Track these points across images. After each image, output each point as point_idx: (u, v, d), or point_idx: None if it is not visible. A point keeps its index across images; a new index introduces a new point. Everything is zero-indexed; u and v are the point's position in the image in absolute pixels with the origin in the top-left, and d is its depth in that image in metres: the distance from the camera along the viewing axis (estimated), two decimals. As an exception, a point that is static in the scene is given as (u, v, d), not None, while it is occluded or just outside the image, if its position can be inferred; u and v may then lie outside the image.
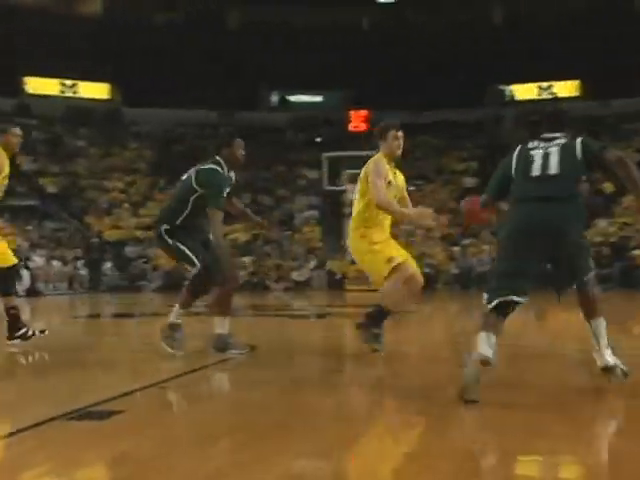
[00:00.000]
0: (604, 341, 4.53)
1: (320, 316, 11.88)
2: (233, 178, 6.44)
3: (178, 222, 6.19)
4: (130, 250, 25.46)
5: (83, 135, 32.11)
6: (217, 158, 6.29)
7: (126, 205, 28.41)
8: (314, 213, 28.84)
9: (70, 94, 32.88)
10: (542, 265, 4.58)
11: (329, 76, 33.40)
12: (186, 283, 6.28)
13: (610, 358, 4.50)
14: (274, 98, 35.94)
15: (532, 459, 3.10)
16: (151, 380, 4.76)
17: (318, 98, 35.70)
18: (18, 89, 31.17)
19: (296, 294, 20.62)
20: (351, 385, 5.15)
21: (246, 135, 7.26)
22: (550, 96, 34.02)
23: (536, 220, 4.47)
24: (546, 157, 4.60)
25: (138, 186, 30.03)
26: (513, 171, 4.71)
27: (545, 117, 5.00)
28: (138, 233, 26.51)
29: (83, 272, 23.69)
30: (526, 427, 3.54)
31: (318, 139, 32.15)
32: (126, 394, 4.33)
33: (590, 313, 4.60)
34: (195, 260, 6.07)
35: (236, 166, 6.42)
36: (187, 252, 6.11)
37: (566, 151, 4.61)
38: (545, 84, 34.00)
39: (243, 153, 6.39)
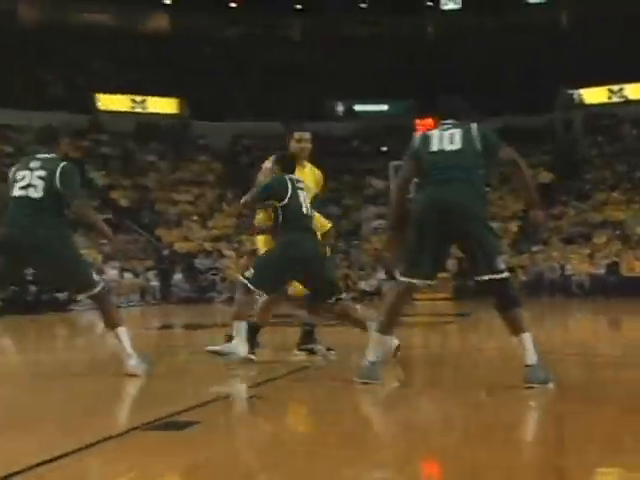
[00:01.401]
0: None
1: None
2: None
3: None
4: (199, 262, 25.78)
5: (153, 150, 32.67)
6: None
7: (195, 217, 28.82)
8: (382, 222, 28.74)
9: (140, 110, 33.50)
10: None
11: (394, 85, 33.30)
12: None
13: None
14: (340, 108, 36.02)
15: (615, 473, 3.02)
16: (225, 391, 4.78)
17: (384, 107, 35.63)
18: (91, 106, 31.92)
19: (365, 304, 20.51)
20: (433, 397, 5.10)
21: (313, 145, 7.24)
22: (621, 99, 33.15)
23: None
24: None
25: (206, 198, 30.43)
26: None
27: None
28: (207, 245, 26.82)
29: (154, 284, 24.09)
30: (609, 440, 3.45)
31: (384, 148, 32.00)
32: (201, 405, 4.36)
33: None
34: None
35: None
36: None
37: None
38: (616, 87, 33.15)
39: None
